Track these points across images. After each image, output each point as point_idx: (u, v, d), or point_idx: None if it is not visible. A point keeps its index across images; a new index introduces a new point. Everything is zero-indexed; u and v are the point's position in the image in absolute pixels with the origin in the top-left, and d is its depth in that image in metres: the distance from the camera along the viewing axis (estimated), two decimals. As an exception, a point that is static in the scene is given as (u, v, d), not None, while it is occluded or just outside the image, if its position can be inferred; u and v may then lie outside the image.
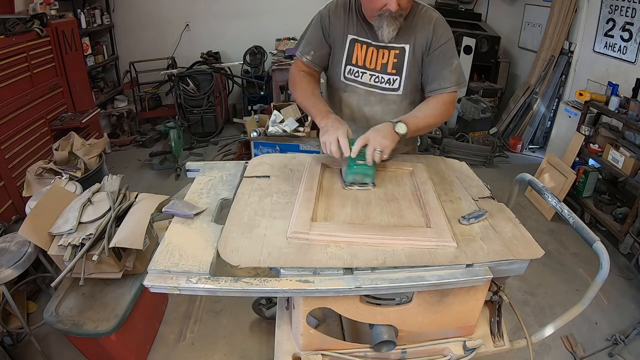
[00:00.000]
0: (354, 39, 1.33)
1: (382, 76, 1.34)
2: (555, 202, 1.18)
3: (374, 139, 1.13)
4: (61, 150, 2.52)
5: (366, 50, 1.32)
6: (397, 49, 1.30)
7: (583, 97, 3.01)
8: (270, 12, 4.84)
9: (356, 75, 1.36)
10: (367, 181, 1.21)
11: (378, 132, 1.15)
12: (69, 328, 1.57)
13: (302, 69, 1.42)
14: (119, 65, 4.81)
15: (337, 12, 1.34)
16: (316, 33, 1.38)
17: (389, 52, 1.31)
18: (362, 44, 1.32)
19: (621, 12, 3.22)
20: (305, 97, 1.36)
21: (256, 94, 4.71)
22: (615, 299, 2.31)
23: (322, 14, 1.37)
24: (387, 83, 1.34)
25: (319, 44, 1.38)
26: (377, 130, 1.16)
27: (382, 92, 1.36)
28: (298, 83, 1.39)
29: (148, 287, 0.89)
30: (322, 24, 1.36)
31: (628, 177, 2.57)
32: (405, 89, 1.35)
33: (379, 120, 1.33)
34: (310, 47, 1.38)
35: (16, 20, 2.79)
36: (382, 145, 1.12)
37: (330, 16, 1.35)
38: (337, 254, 0.94)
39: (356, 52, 1.33)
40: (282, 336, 1.12)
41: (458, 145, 3.98)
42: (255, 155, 1.56)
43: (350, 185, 1.20)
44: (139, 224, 1.53)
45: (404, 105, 1.38)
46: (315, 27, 1.38)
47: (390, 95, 1.36)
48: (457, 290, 1.01)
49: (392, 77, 1.33)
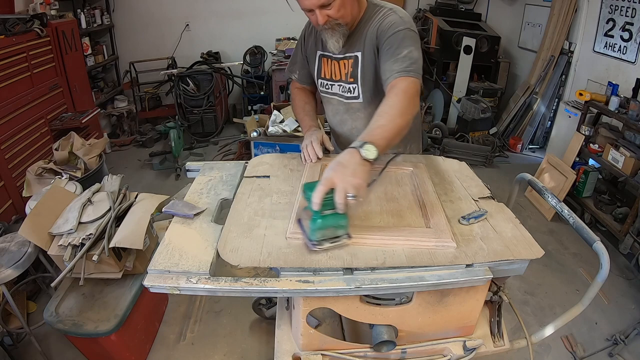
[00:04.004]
0: (321, 54, 1.39)
1: (345, 85, 1.36)
2: (555, 202, 1.18)
3: (341, 180, 0.86)
4: (61, 150, 2.52)
5: (330, 63, 1.37)
6: (351, 58, 1.31)
7: (583, 97, 3.01)
8: (270, 12, 4.83)
9: (327, 87, 1.42)
10: (340, 234, 0.93)
11: (344, 168, 0.88)
12: (69, 328, 1.57)
13: (296, 86, 1.55)
14: (119, 65, 4.81)
15: (310, 31, 1.41)
16: (298, 53, 1.48)
17: (346, 62, 1.33)
18: (327, 58, 1.37)
19: (621, 12, 3.22)
20: (297, 114, 1.50)
21: (256, 94, 4.71)
22: (615, 299, 2.31)
23: (302, 34, 1.44)
24: (349, 92, 1.37)
25: (301, 63, 1.47)
26: (341, 166, 0.89)
27: (347, 101, 1.39)
28: (292, 100, 1.53)
29: (148, 287, 0.89)
30: (301, 45, 1.45)
31: (628, 177, 2.57)
32: (365, 96, 1.34)
33: (349, 129, 1.46)
34: (295, 67, 1.50)
35: (16, 20, 2.79)
36: (354, 186, 0.85)
37: (305, 36, 1.43)
38: (337, 254, 0.94)
39: (324, 66, 1.39)
40: (282, 336, 1.13)
41: (458, 145, 3.98)
42: (255, 155, 1.57)
43: (319, 243, 0.91)
44: (139, 224, 1.53)
45: (368, 111, 1.34)
46: (297, 48, 1.48)
47: (354, 103, 1.38)
48: (457, 291, 1.01)
49: (351, 85, 1.35)
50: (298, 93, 1.53)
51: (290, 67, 1.53)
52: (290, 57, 1.54)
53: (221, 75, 4.56)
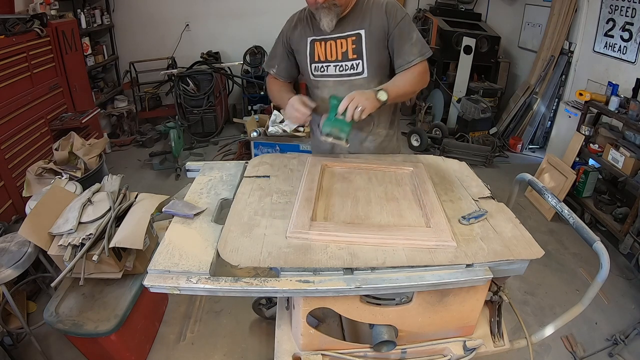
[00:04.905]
0: (313, 39, 1.45)
1: (345, 64, 1.43)
2: (555, 202, 1.18)
3: (357, 98, 1.25)
4: (61, 150, 2.52)
5: (325, 45, 1.44)
6: (353, 36, 1.40)
7: (583, 97, 3.01)
8: (270, 12, 4.82)
9: (322, 70, 1.47)
10: (343, 136, 1.29)
11: (362, 94, 1.26)
12: (69, 328, 1.57)
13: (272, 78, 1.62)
14: (119, 65, 4.81)
15: (294, 25, 1.50)
16: (277, 48, 1.55)
17: (346, 41, 1.41)
18: (320, 41, 1.44)
19: (621, 12, 3.22)
20: (275, 97, 1.56)
21: (256, 94, 4.71)
22: (615, 299, 2.31)
23: (283, 30, 1.53)
24: (351, 69, 1.44)
25: (281, 58, 1.55)
26: (361, 93, 1.27)
27: (349, 78, 1.45)
28: (269, 90, 1.60)
29: (148, 287, 0.90)
30: (282, 40, 1.53)
31: (628, 177, 2.57)
32: (370, 71, 1.43)
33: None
34: (274, 62, 1.56)
35: (16, 20, 2.79)
36: (364, 105, 1.24)
37: (288, 31, 1.51)
38: (337, 254, 0.94)
39: (317, 50, 1.45)
40: (282, 336, 1.13)
41: (458, 145, 3.98)
42: (255, 155, 1.57)
43: (327, 136, 1.30)
44: (139, 224, 1.53)
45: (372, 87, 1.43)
46: (277, 43, 1.55)
47: (357, 79, 1.45)
48: (457, 290, 1.01)
49: (355, 62, 1.42)
50: (274, 82, 1.59)
51: (268, 62, 1.59)
52: (269, 52, 1.62)
53: (221, 75, 4.56)
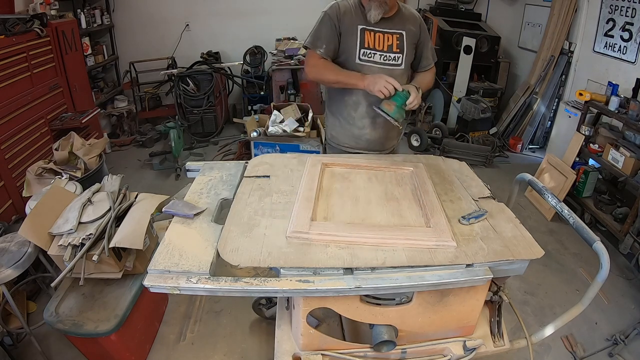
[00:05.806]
0: (363, 28, 1.63)
1: (389, 55, 1.66)
2: (555, 202, 1.18)
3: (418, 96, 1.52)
4: (61, 150, 2.52)
5: (374, 36, 1.64)
6: (397, 34, 1.65)
7: (583, 97, 3.01)
8: (270, 12, 4.84)
9: (369, 56, 1.65)
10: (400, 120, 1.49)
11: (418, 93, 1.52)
12: (69, 328, 1.57)
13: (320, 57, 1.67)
14: (119, 65, 4.81)
15: (343, 12, 1.63)
16: (326, 29, 1.63)
17: (392, 36, 1.65)
18: (370, 31, 1.63)
19: (621, 12, 3.22)
20: (338, 73, 1.64)
21: (256, 94, 4.71)
22: (615, 299, 2.31)
23: (330, 13, 1.63)
24: (393, 60, 1.67)
25: (330, 39, 1.64)
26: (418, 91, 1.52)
27: (390, 67, 1.66)
28: (323, 66, 1.65)
29: (148, 287, 0.90)
30: (331, 22, 1.63)
31: (628, 177, 2.57)
32: (406, 65, 1.69)
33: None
34: (322, 42, 1.64)
35: (16, 20, 2.79)
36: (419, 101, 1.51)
37: (338, 14, 1.63)
38: (337, 254, 0.94)
39: (367, 38, 1.63)
40: (282, 336, 1.13)
41: (458, 145, 3.98)
42: (255, 155, 1.57)
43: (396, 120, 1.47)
44: (139, 224, 1.53)
45: (404, 77, 1.70)
46: (325, 25, 1.64)
47: (396, 69, 1.67)
48: (457, 290, 1.01)
49: (397, 55, 1.66)
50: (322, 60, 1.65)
51: (313, 42, 1.65)
52: (312, 33, 1.67)
53: (221, 75, 4.56)
